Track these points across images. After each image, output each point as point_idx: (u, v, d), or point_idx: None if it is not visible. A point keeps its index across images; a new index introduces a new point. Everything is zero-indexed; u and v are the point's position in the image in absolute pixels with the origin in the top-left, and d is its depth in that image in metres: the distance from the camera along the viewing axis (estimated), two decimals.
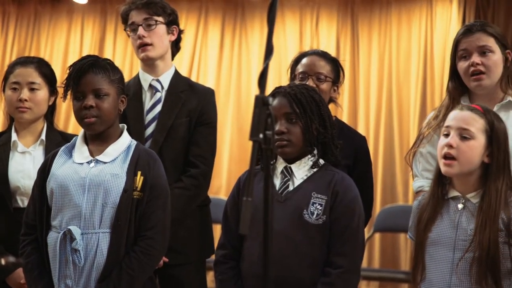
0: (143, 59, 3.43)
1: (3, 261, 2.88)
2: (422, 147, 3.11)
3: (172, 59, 3.55)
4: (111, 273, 2.67)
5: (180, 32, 3.55)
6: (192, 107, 3.38)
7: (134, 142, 2.86)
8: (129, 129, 2.92)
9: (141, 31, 3.37)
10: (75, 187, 2.69)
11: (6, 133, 3.35)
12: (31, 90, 3.30)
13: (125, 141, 2.83)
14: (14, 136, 3.31)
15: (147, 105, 3.40)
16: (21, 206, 3.18)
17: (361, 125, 6.72)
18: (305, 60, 3.32)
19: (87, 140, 2.83)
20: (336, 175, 2.71)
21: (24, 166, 3.24)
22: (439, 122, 3.01)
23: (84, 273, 2.66)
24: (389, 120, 6.77)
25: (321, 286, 2.59)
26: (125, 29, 3.50)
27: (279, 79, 6.88)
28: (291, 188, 2.68)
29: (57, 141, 3.25)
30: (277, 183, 2.71)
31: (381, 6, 6.97)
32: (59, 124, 6.67)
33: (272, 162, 2.74)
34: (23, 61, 3.38)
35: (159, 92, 3.41)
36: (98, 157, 2.76)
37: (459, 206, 2.67)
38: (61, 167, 2.77)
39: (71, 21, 7.73)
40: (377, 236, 6.49)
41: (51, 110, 3.42)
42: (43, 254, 2.74)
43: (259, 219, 1.82)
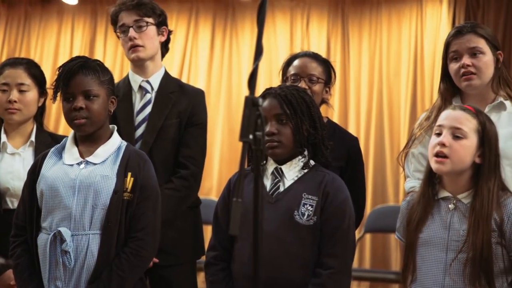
0: (133, 60, 3.43)
1: None
2: (414, 148, 3.12)
3: (161, 59, 3.55)
4: (101, 274, 2.66)
5: (169, 32, 3.55)
6: (182, 108, 3.37)
7: (124, 143, 2.85)
8: (119, 130, 2.92)
9: (132, 32, 3.36)
10: (65, 189, 2.69)
11: None
12: (21, 91, 3.29)
13: (115, 142, 2.83)
14: (3, 137, 3.30)
15: (137, 106, 3.39)
16: (11, 207, 3.18)
17: (352, 126, 6.73)
18: (297, 62, 3.32)
19: (77, 141, 2.82)
20: (326, 176, 2.71)
21: (13, 167, 3.24)
22: (431, 123, 3.02)
23: (74, 274, 2.65)
24: (380, 120, 6.78)
25: (312, 287, 2.59)
26: (115, 31, 3.49)
27: (269, 80, 6.88)
28: (282, 189, 2.68)
29: (46, 142, 3.25)
30: (268, 184, 2.71)
31: (371, 6, 6.98)
32: (50, 125, 6.69)
33: (262, 163, 2.74)
34: (12, 62, 3.37)
35: (149, 93, 3.40)
36: (88, 159, 2.75)
37: (450, 206, 2.67)
38: (51, 169, 2.76)
39: (61, 22, 7.72)
40: (367, 236, 6.50)
41: (41, 111, 3.41)
42: (33, 255, 2.73)
43: (250, 220, 1.81)
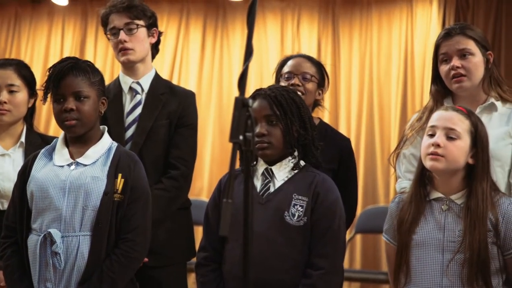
0: (124, 63, 3.43)
1: None
2: (405, 148, 3.13)
3: (152, 61, 3.55)
4: (92, 276, 2.66)
5: (160, 34, 3.55)
6: (172, 109, 3.37)
7: (115, 144, 2.85)
8: (109, 132, 2.91)
9: (122, 35, 3.36)
10: (55, 190, 2.68)
11: None
12: (10, 92, 3.28)
13: (106, 144, 2.83)
14: None
15: (127, 107, 3.39)
16: (1, 208, 3.17)
17: (342, 127, 6.74)
18: (291, 61, 3.36)
19: (67, 142, 2.81)
20: (317, 177, 2.72)
21: (3, 168, 3.23)
22: (422, 124, 3.03)
23: (64, 276, 2.65)
24: (370, 121, 6.79)
25: (302, 287, 2.59)
26: (105, 33, 3.49)
27: (260, 81, 6.89)
28: (272, 189, 2.69)
29: (37, 144, 3.24)
30: (258, 185, 2.71)
31: (361, 8, 6.99)
32: (40, 126, 6.67)
33: (253, 164, 2.74)
34: (2, 63, 3.36)
35: (139, 94, 3.40)
36: (78, 160, 2.75)
37: (443, 207, 2.68)
38: (41, 170, 2.75)
39: (51, 23, 7.70)
40: (358, 237, 6.51)
41: (31, 112, 3.40)
42: (23, 256, 2.72)
43: (240, 221, 1.82)
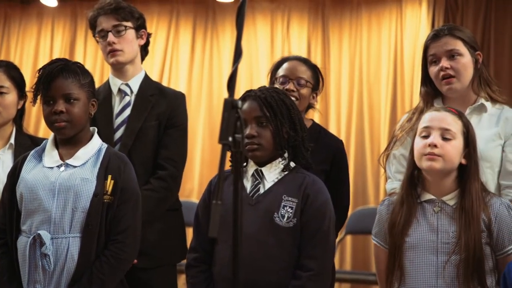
0: (113, 64, 3.43)
1: None
2: (395, 149, 3.13)
3: (141, 62, 3.55)
4: (82, 277, 2.66)
5: (148, 35, 3.55)
6: (161, 110, 3.37)
7: (104, 145, 2.85)
8: (98, 134, 2.91)
9: (110, 37, 3.36)
10: (44, 192, 2.68)
11: None
12: (0, 94, 3.27)
13: (96, 145, 2.82)
14: None
15: (116, 109, 3.39)
16: None
17: (332, 128, 6.74)
18: (287, 64, 3.32)
19: (57, 143, 2.81)
20: (307, 178, 2.72)
21: None
22: (412, 124, 3.04)
23: (54, 278, 2.64)
24: (360, 122, 6.80)
25: None
26: (94, 36, 3.49)
27: (250, 82, 6.89)
28: (262, 191, 2.68)
29: (26, 145, 3.23)
30: (248, 186, 2.71)
31: (351, 8, 7.00)
32: (30, 127, 6.64)
33: (243, 165, 2.74)
34: None
35: (128, 96, 3.40)
36: (68, 161, 2.75)
37: (435, 209, 2.69)
38: (31, 171, 2.75)
39: (41, 24, 7.68)
40: (348, 238, 6.52)
41: (20, 114, 3.39)
42: (13, 258, 2.72)
43: (230, 222, 1.82)
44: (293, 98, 3.11)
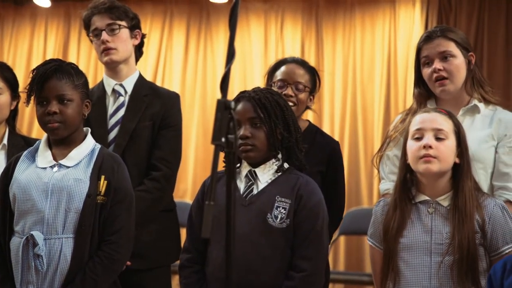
0: (106, 63, 3.42)
1: None
2: (389, 150, 3.14)
3: (136, 63, 3.54)
4: (75, 278, 2.65)
5: (143, 36, 3.55)
6: (155, 110, 3.37)
7: (98, 146, 2.84)
8: (92, 134, 2.90)
9: (104, 36, 3.36)
10: (38, 192, 2.68)
11: None
12: None
13: (89, 145, 2.82)
14: None
15: (110, 109, 3.39)
16: None
17: (326, 129, 6.74)
18: (284, 67, 3.29)
19: (50, 144, 2.81)
20: (300, 179, 2.71)
21: None
22: (406, 125, 3.04)
23: (47, 278, 2.64)
24: (354, 123, 6.81)
25: None
26: (88, 35, 3.48)
27: (244, 83, 6.89)
28: (255, 191, 2.68)
29: (19, 146, 3.22)
30: (242, 186, 2.71)
31: (345, 10, 7.01)
32: (23, 128, 6.63)
33: (237, 165, 2.74)
34: None
35: (122, 96, 3.40)
36: (61, 162, 2.74)
37: (430, 210, 2.69)
38: (24, 172, 2.74)
39: (34, 25, 7.67)
40: (342, 239, 6.52)
41: (13, 114, 3.38)
42: (6, 259, 2.71)
43: (223, 223, 1.82)
44: (291, 103, 3.11)
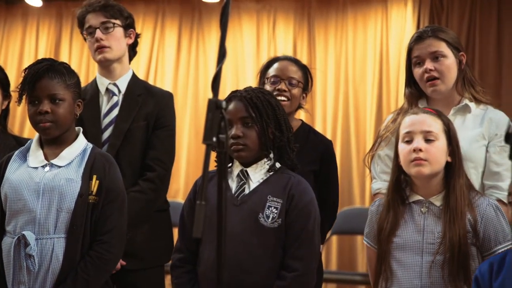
0: (100, 61, 3.41)
1: None
2: (380, 149, 3.15)
3: (129, 62, 3.54)
4: (67, 278, 2.65)
5: (137, 36, 3.54)
6: (149, 110, 3.36)
7: (90, 145, 2.84)
8: (85, 134, 2.90)
9: (98, 34, 3.35)
10: (29, 192, 2.67)
11: None
12: None
13: (81, 145, 2.81)
14: None
15: (104, 109, 3.38)
16: None
17: (318, 128, 6.73)
18: (277, 64, 3.32)
19: (42, 143, 2.80)
20: (292, 179, 2.72)
21: None
22: (397, 125, 3.05)
23: (39, 278, 2.64)
24: (346, 123, 6.81)
25: None
26: (81, 33, 3.48)
27: (236, 83, 6.89)
28: (247, 191, 2.68)
29: (11, 145, 3.21)
30: (233, 186, 2.71)
31: (337, 9, 7.01)
32: (15, 127, 6.61)
33: (228, 165, 2.74)
34: None
35: (116, 96, 3.39)
36: (53, 161, 2.74)
37: (423, 210, 2.70)
38: (15, 172, 2.74)
39: (26, 24, 7.65)
40: (334, 238, 6.53)
41: (5, 114, 3.38)
42: None
43: (215, 222, 1.82)
44: (284, 98, 3.12)
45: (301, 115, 5.08)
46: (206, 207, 1.70)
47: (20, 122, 7.23)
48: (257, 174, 2.72)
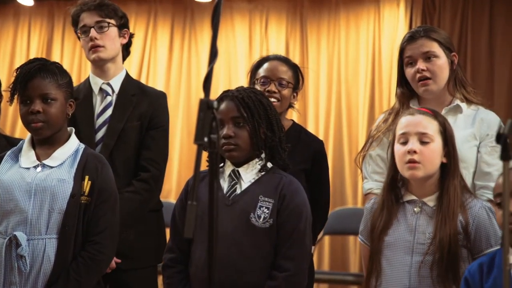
0: (94, 60, 3.40)
1: None
2: (371, 149, 3.16)
3: (122, 62, 3.53)
4: (58, 279, 2.64)
5: (131, 36, 3.54)
6: (143, 110, 3.36)
7: (82, 146, 2.83)
8: (79, 134, 2.90)
9: (93, 33, 3.34)
10: (21, 193, 2.67)
11: None
12: None
13: (73, 145, 2.81)
14: None
15: (98, 109, 3.37)
16: None
17: (311, 128, 6.74)
18: (267, 64, 3.30)
19: (34, 144, 2.80)
20: (283, 179, 2.72)
21: None
22: (388, 125, 3.06)
23: (30, 279, 2.63)
24: (338, 123, 6.81)
25: None
26: (75, 31, 3.47)
27: (228, 83, 6.89)
28: (239, 191, 2.68)
29: (2, 146, 3.19)
30: (225, 186, 2.71)
31: (329, 9, 7.01)
32: (6, 127, 6.60)
33: (220, 165, 2.74)
34: None
35: (110, 95, 3.38)
36: (45, 162, 2.73)
37: (416, 210, 2.70)
38: (7, 172, 2.73)
39: (17, 24, 7.61)
40: (326, 238, 6.53)
41: None
42: None
43: (206, 222, 1.82)
44: (274, 99, 3.12)
45: (293, 114, 5.08)
46: (197, 207, 1.70)
47: (11, 122, 7.22)
48: (249, 174, 2.72)
